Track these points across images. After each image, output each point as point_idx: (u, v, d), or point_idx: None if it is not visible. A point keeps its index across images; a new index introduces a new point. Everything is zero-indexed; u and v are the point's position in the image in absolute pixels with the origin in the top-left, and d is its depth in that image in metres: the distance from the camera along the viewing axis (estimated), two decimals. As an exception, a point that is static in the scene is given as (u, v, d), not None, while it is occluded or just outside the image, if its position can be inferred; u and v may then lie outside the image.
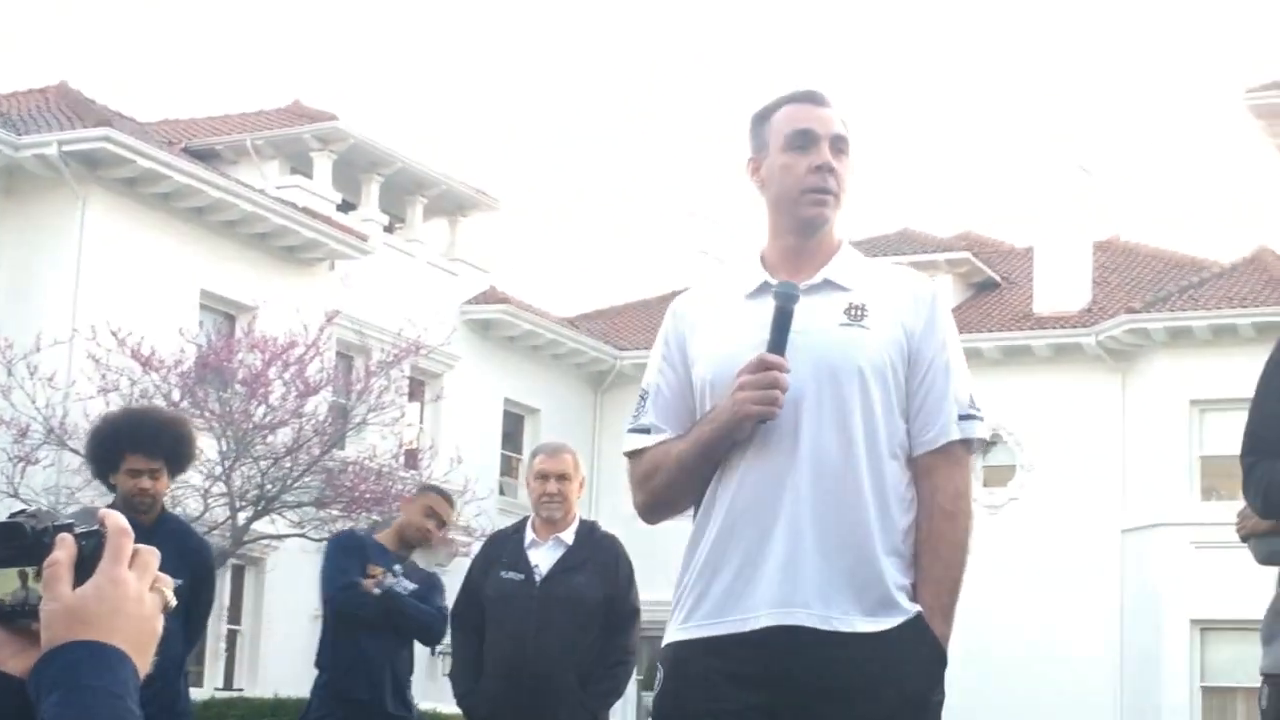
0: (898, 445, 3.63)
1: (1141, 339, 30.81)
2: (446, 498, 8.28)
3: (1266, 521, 5.35)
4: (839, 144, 3.72)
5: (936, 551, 3.60)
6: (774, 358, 3.53)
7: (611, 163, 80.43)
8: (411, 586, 7.81)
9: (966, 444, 3.68)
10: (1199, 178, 75.48)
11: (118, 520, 1.70)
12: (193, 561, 6.46)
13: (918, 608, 3.57)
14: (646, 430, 3.75)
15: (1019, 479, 31.82)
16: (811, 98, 3.77)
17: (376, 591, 7.70)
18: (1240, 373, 29.17)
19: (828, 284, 3.68)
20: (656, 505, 3.78)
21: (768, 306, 3.63)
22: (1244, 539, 5.66)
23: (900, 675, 3.54)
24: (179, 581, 6.26)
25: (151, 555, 1.72)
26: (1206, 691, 29.76)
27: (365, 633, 7.75)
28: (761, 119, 3.82)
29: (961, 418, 3.66)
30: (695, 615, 3.64)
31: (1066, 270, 33.21)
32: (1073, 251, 33.37)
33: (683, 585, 3.69)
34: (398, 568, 7.84)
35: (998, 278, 35.16)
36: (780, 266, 3.73)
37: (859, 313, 3.64)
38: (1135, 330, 30.73)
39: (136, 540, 1.73)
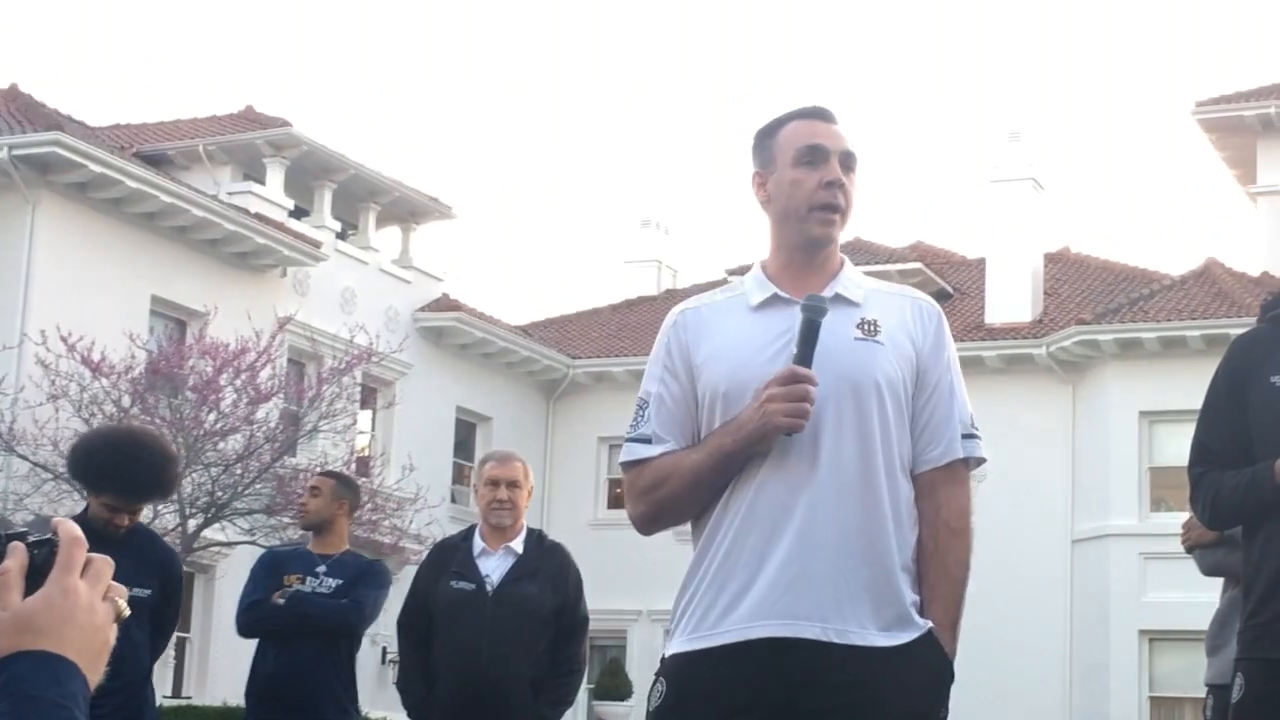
0: (907, 462, 3.65)
1: (1092, 350, 30.96)
2: (331, 475, 8.15)
3: (1210, 534, 5.39)
4: (848, 161, 3.70)
5: (945, 568, 3.62)
6: (804, 370, 3.51)
7: (565, 172, 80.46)
8: (334, 583, 7.67)
9: (967, 463, 3.70)
10: (1149, 191, 75.98)
11: (71, 529, 1.68)
12: (161, 571, 6.41)
13: (929, 623, 3.59)
14: (648, 440, 3.68)
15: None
16: (821, 114, 3.76)
17: (280, 601, 7.59)
18: (1189, 385, 29.26)
19: (838, 299, 3.67)
20: (660, 516, 3.71)
21: (779, 318, 3.64)
22: (1189, 550, 5.70)
23: (910, 691, 3.55)
24: (147, 591, 6.26)
25: (105, 565, 1.70)
26: (1155, 702, 29.91)
27: (280, 648, 7.61)
28: (768, 134, 3.78)
29: (964, 437, 3.69)
30: (703, 626, 3.59)
31: (1018, 281, 33.35)
32: (1024, 263, 33.51)
33: (688, 596, 3.64)
34: (321, 568, 7.71)
35: (949, 288, 35.27)
36: (786, 281, 3.70)
37: (872, 328, 3.65)
38: (1085, 341, 30.88)
39: (105, 549, 1.71)
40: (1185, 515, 5.62)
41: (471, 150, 79.49)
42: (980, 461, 3.72)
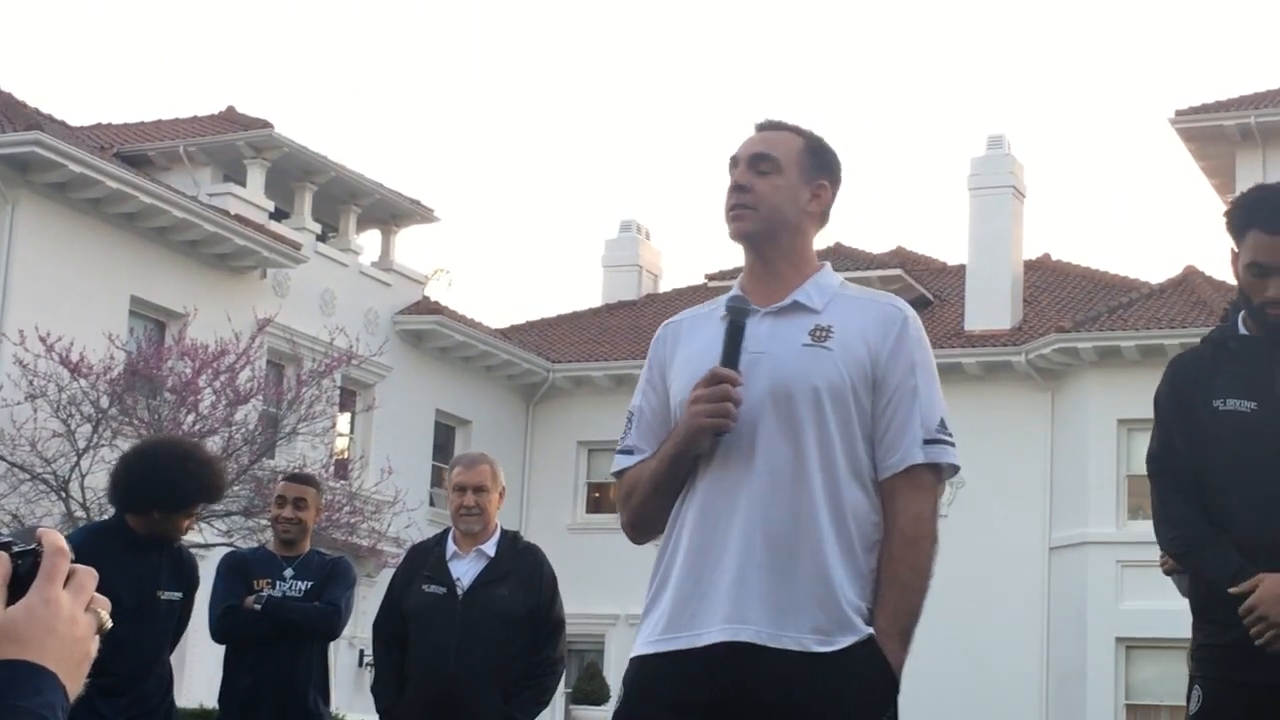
0: (862, 469, 3.65)
1: (1071, 358, 31.03)
2: (299, 479, 8.09)
3: None
4: (757, 162, 3.76)
5: (895, 576, 3.62)
6: (725, 371, 3.59)
7: (547, 176, 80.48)
8: (304, 586, 7.62)
9: (935, 469, 3.69)
10: (1129, 199, 76.20)
11: (55, 539, 1.68)
12: (188, 575, 6.54)
13: (870, 630, 3.59)
14: (630, 451, 3.82)
15: (947, 495, 31.81)
16: (758, 125, 3.85)
17: (256, 607, 7.53)
18: (1167, 393, 29.49)
19: (796, 305, 3.72)
20: (637, 524, 3.81)
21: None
22: (1167, 573, 5.74)
23: (847, 697, 3.55)
24: (178, 595, 6.39)
25: (89, 576, 1.69)
26: (1131, 709, 29.98)
27: (258, 655, 7.53)
28: None
29: (927, 442, 3.66)
30: (655, 631, 3.67)
31: (998, 289, 33.42)
32: (1004, 270, 33.58)
33: (647, 600, 3.74)
34: (288, 571, 7.66)
35: (929, 295, 35.33)
36: (753, 290, 3.77)
37: (823, 334, 3.67)
38: (1065, 349, 30.94)
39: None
40: (1162, 525, 5.64)
41: (453, 153, 79.50)
42: (953, 469, 3.70)
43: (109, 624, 1.70)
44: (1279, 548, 4.19)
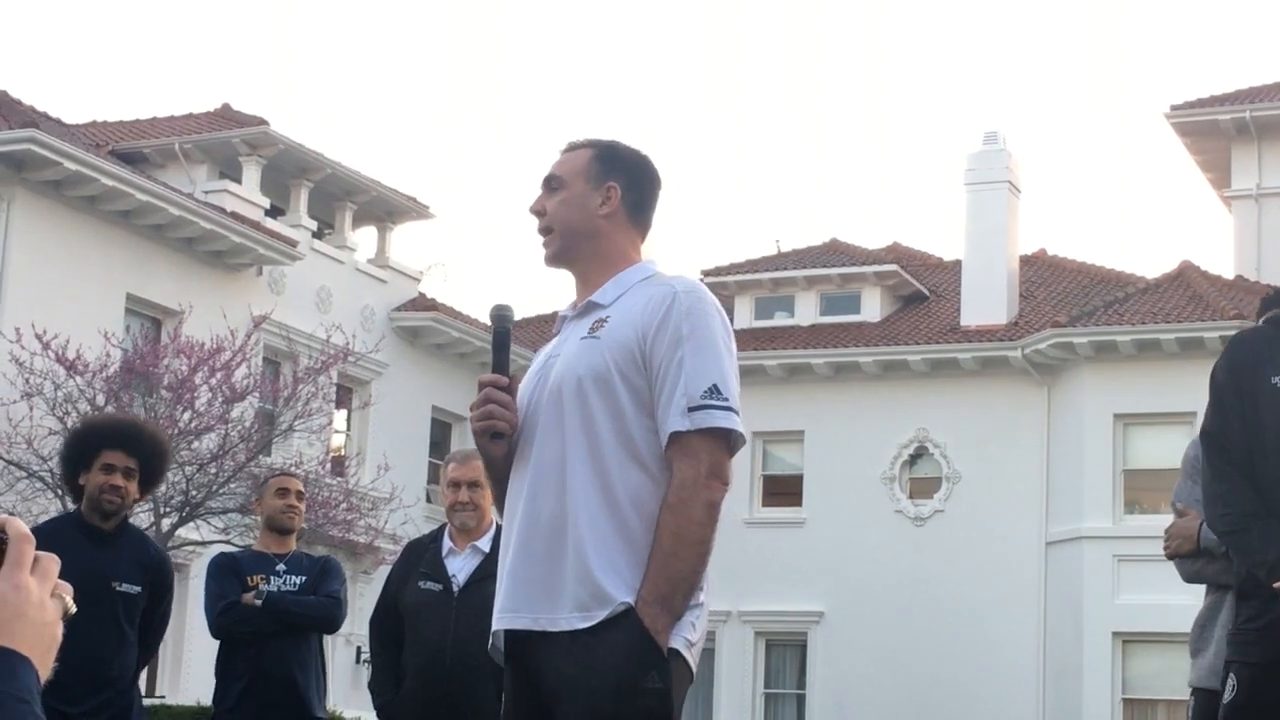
0: (642, 448, 3.73)
1: (1067, 353, 31.05)
2: (287, 473, 8.34)
3: (1189, 544, 5.46)
4: (549, 182, 4.01)
5: (658, 543, 3.66)
6: (488, 376, 3.88)
7: (541, 172, 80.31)
8: (298, 580, 7.67)
9: (708, 435, 3.69)
10: (1125, 194, 76.23)
11: (19, 526, 1.71)
12: (153, 571, 6.45)
13: (627, 601, 3.64)
14: None
15: (944, 490, 31.98)
16: (560, 150, 4.07)
17: (257, 603, 7.56)
18: (1163, 387, 29.58)
19: (589, 305, 3.89)
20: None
21: (558, 335, 3.96)
22: (1169, 557, 5.74)
23: (605, 666, 3.63)
24: (136, 588, 6.32)
25: (52, 562, 1.72)
26: (1127, 704, 30.01)
27: (257, 653, 7.54)
28: None
29: (691, 409, 3.68)
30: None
31: (994, 284, 33.43)
32: (1000, 265, 33.59)
33: None
34: (281, 567, 7.70)
35: (925, 290, 35.35)
36: (577, 297, 3.98)
37: (599, 325, 3.82)
38: (1061, 344, 30.96)
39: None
40: (1159, 518, 5.64)
41: (449, 150, 79.49)
42: (737, 436, 3.72)
43: (73, 609, 1.74)
44: None
